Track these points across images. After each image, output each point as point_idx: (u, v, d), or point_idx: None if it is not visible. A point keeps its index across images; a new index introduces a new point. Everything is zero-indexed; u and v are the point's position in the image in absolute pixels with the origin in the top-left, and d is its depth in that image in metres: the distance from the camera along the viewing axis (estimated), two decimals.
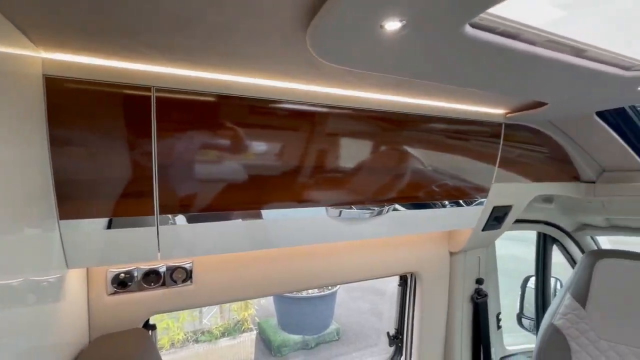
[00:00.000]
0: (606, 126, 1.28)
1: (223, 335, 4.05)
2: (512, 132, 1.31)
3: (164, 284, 1.03)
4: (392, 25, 0.50)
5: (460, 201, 1.30)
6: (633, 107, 1.28)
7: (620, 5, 0.73)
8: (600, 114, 1.26)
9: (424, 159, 1.18)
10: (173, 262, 1.04)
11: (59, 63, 0.67)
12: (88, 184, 0.74)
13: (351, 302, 5.64)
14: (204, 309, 4.16)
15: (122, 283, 0.99)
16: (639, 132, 1.34)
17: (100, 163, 0.73)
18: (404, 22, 0.49)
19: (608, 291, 1.43)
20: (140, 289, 1.01)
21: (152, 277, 1.02)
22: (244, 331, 4.19)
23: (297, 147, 0.96)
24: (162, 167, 0.79)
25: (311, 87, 0.89)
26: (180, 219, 0.85)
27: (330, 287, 5.10)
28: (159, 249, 0.84)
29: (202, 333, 4.02)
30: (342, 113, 0.99)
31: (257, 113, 0.88)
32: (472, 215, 1.36)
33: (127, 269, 0.99)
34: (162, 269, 1.03)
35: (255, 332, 4.31)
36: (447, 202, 1.28)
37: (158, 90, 0.75)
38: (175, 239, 0.86)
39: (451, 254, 1.57)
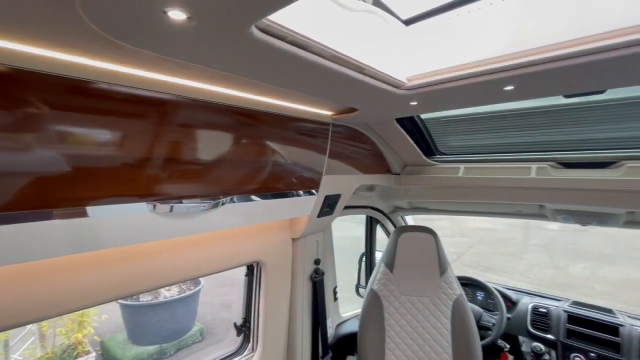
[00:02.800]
0: (403, 131, 1.66)
1: None
2: (339, 131, 1.53)
3: None
4: (177, 15, 0.50)
5: (296, 192, 1.43)
6: (419, 117, 1.69)
7: (398, 40, 0.95)
8: (399, 121, 1.61)
9: (262, 152, 1.24)
10: None
11: None
12: None
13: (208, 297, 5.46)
14: (10, 339, 3.20)
15: None
16: (423, 136, 1.78)
17: None
18: (189, 15, 0.50)
19: (405, 257, 1.87)
20: None
21: None
22: (77, 357, 3.47)
23: (125, 136, 0.85)
24: None
25: (121, 68, 0.79)
26: None
27: (192, 287, 4.81)
28: None
29: None
30: (172, 102, 0.93)
31: (71, 94, 0.74)
32: (308, 204, 1.52)
33: None
34: None
35: (93, 355, 3.63)
36: (285, 193, 1.39)
37: None
38: None
39: (293, 240, 1.72)
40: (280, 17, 0.60)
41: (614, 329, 1.80)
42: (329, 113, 1.42)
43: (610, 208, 1.46)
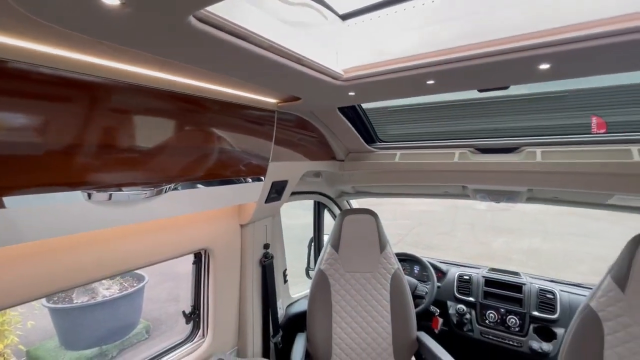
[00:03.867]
0: (345, 119, 1.76)
1: None
2: (284, 119, 1.58)
3: None
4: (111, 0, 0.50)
5: (244, 178, 1.46)
6: (360, 107, 1.80)
7: (330, 30, 1.01)
8: (342, 110, 1.71)
9: (207, 139, 1.24)
10: None
11: None
12: None
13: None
14: None
15: None
16: (365, 125, 1.91)
17: None
18: (123, 1, 0.51)
19: (349, 237, 2.00)
20: None
21: None
22: None
23: (48, 121, 0.80)
24: None
25: (44, 48, 0.74)
26: None
27: (135, 284, 4.55)
28: None
29: None
30: (105, 85, 0.89)
31: None
32: (255, 190, 1.56)
33: None
34: None
35: None
36: (232, 180, 1.41)
37: None
38: None
39: (241, 226, 1.74)
40: (218, 8, 0.63)
41: (518, 287, 2.15)
42: (274, 101, 1.45)
43: (515, 187, 1.73)
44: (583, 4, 0.77)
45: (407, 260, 2.61)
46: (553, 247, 7.79)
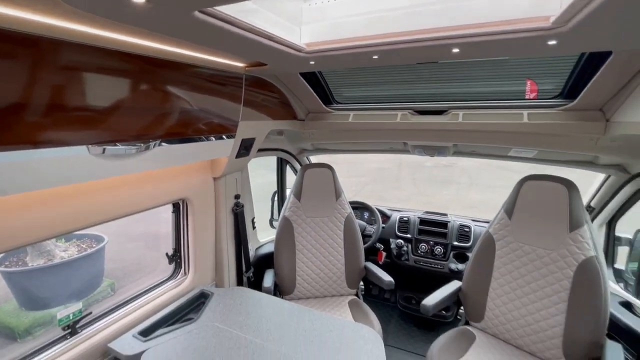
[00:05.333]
0: (306, 83, 1.97)
1: None
2: (252, 82, 1.75)
3: None
4: None
5: (217, 136, 1.65)
6: (320, 73, 2.01)
7: (294, 9, 1.21)
8: (302, 74, 1.91)
9: (185, 99, 1.40)
10: None
11: None
12: None
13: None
14: None
15: None
16: (323, 88, 2.14)
17: None
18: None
19: (309, 188, 2.32)
20: None
21: None
22: None
23: (23, 78, 0.86)
24: None
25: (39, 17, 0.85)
26: None
27: (94, 245, 4.56)
28: None
29: None
30: (92, 48, 1.00)
31: None
32: (227, 146, 1.76)
33: None
34: None
35: None
36: (206, 137, 1.59)
37: None
38: None
39: (214, 179, 1.96)
40: None
41: (444, 224, 2.69)
42: (242, 65, 1.61)
43: (443, 142, 2.14)
44: (484, 8, 1.06)
45: (358, 207, 3.03)
46: (485, 197, 8.99)
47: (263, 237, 2.67)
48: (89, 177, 1.15)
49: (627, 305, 1.79)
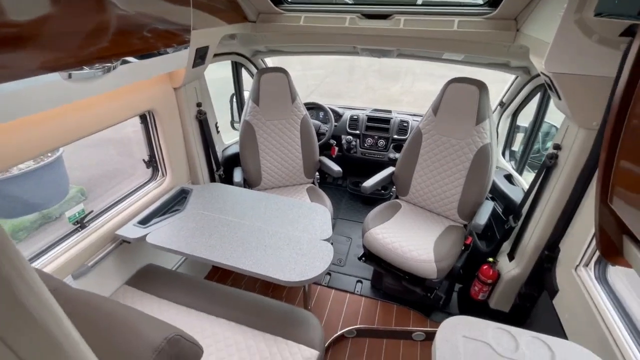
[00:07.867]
0: None
1: None
2: None
3: None
4: None
5: (172, 47, 1.70)
6: None
7: None
8: None
9: (136, 17, 1.40)
10: None
11: None
12: None
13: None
14: None
15: None
16: None
17: None
18: None
19: (266, 92, 2.50)
20: None
21: None
22: None
23: None
24: None
25: None
26: None
27: (49, 154, 4.50)
28: None
29: None
30: None
31: None
32: (183, 57, 1.82)
33: None
34: None
35: None
36: (164, 50, 1.65)
37: None
38: None
39: (175, 89, 2.06)
40: None
41: (388, 121, 3.09)
42: None
43: (388, 47, 2.32)
44: None
45: (313, 108, 3.29)
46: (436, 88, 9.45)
47: (227, 139, 2.92)
48: (63, 101, 1.27)
49: (509, 177, 2.45)
